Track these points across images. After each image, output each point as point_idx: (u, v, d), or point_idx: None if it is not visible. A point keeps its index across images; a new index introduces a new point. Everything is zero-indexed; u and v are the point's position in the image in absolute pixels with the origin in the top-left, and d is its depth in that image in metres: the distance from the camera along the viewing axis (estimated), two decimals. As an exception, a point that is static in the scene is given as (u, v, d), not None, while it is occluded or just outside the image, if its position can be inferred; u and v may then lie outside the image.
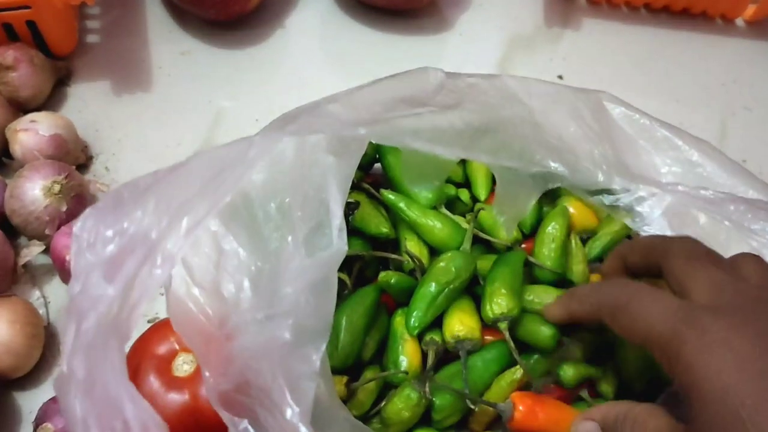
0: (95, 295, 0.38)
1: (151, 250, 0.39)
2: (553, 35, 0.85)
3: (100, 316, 0.37)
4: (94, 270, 0.39)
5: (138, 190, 0.42)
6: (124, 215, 0.40)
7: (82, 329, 0.37)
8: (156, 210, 0.40)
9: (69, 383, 0.37)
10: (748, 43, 0.87)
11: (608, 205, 0.58)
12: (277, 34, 0.83)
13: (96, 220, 0.40)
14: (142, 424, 0.36)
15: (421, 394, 0.50)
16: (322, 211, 0.44)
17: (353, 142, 0.47)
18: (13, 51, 0.69)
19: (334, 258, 0.43)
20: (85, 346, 0.37)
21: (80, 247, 0.40)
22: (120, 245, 0.39)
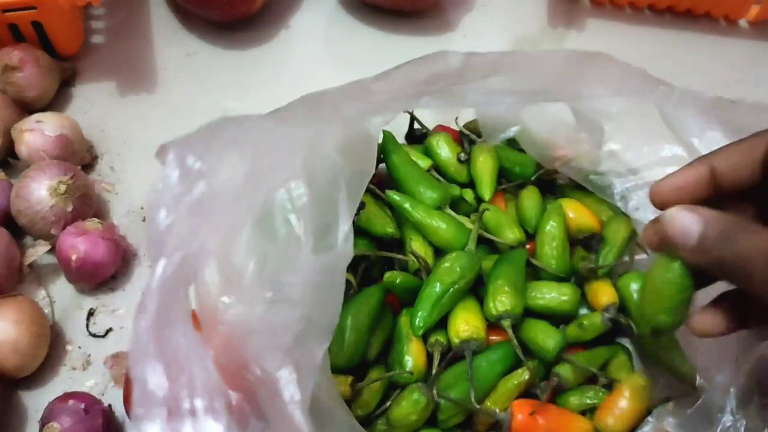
0: (183, 234, 0.37)
1: (232, 209, 0.39)
2: (557, 36, 0.85)
3: (182, 260, 0.37)
4: (183, 207, 0.38)
5: (229, 129, 0.41)
6: (220, 154, 0.39)
7: (162, 270, 0.36)
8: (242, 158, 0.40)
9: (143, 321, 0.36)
10: (751, 43, 0.86)
11: (603, 186, 0.58)
12: (282, 35, 0.83)
13: (191, 151, 0.39)
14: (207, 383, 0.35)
15: (428, 398, 0.50)
16: (331, 212, 0.44)
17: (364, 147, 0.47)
18: (19, 52, 0.69)
19: (340, 261, 0.43)
20: (165, 286, 0.36)
21: (171, 177, 0.38)
22: (212, 187, 0.38)
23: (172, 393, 0.34)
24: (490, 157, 0.62)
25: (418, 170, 0.60)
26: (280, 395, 0.39)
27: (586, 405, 0.54)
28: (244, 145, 0.41)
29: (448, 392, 0.52)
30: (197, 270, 0.38)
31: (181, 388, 0.35)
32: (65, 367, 0.60)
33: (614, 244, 0.59)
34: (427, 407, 0.50)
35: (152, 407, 0.34)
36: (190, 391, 0.35)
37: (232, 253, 0.42)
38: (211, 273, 0.41)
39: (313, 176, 0.44)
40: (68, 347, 0.61)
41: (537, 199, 0.61)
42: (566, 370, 0.54)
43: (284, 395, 0.39)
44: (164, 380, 0.34)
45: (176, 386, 0.35)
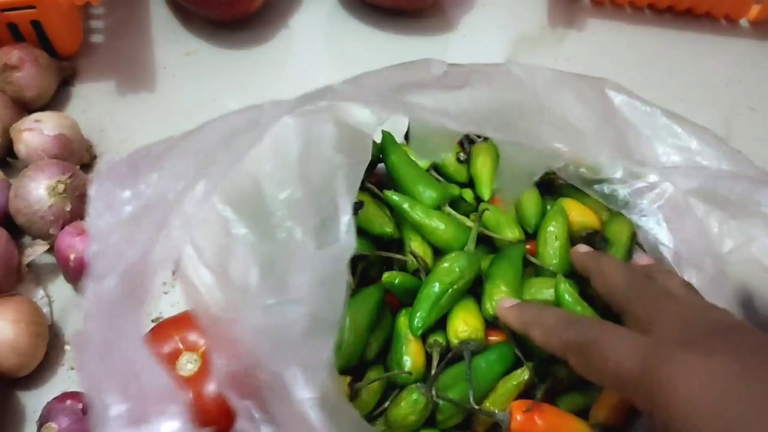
0: (114, 255, 0.38)
1: (168, 213, 0.39)
2: (557, 36, 0.85)
3: (119, 278, 0.37)
4: (112, 231, 0.39)
5: (151, 155, 0.42)
6: (141, 178, 0.40)
7: (101, 290, 0.37)
8: (172, 173, 0.40)
9: (86, 345, 0.36)
10: (752, 43, 0.86)
11: (607, 195, 0.58)
12: (282, 34, 0.83)
13: (112, 183, 0.40)
14: (159, 391, 0.35)
15: (427, 398, 0.50)
16: (329, 206, 0.44)
17: (359, 142, 0.47)
18: (18, 51, 0.69)
19: (344, 253, 0.43)
20: (103, 308, 0.37)
21: (97, 208, 0.39)
22: (137, 207, 0.39)
23: (126, 405, 0.35)
24: (490, 157, 0.62)
25: (417, 170, 0.60)
26: (290, 395, 0.39)
27: (583, 405, 0.54)
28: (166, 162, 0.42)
29: (447, 393, 0.52)
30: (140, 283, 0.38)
31: (135, 398, 0.35)
32: (63, 367, 0.60)
33: (621, 243, 0.59)
34: (426, 407, 0.50)
35: (107, 421, 0.35)
36: (143, 399, 0.35)
37: (229, 266, 0.42)
38: (212, 289, 0.41)
39: (310, 177, 0.44)
40: (66, 347, 0.61)
41: (537, 199, 0.61)
42: (562, 371, 0.54)
43: (295, 395, 0.39)
44: (120, 396, 0.35)
45: (130, 397, 0.35)
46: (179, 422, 0.35)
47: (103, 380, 0.35)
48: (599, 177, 0.58)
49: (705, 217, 0.53)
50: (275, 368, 0.39)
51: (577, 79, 0.54)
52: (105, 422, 0.34)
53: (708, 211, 0.53)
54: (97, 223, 0.39)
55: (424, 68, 0.50)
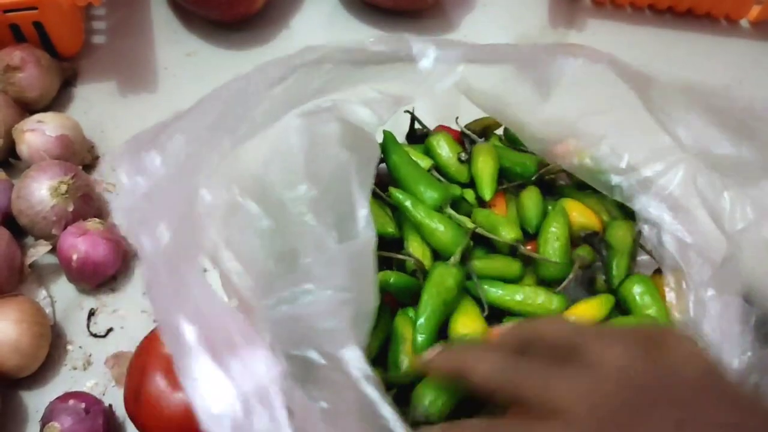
0: (160, 211, 0.38)
1: (200, 165, 0.40)
2: (558, 36, 0.85)
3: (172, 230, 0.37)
4: (151, 192, 0.39)
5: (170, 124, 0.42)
6: (166, 141, 0.41)
7: (158, 242, 0.37)
8: (196, 134, 0.41)
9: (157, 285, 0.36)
10: (752, 43, 0.87)
11: (612, 186, 0.58)
12: (283, 35, 0.83)
13: (139, 148, 0.41)
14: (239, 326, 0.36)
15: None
16: (346, 202, 0.45)
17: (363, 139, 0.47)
18: (20, 52, 0.69)
19: (368, 245, 0.43)
20: (163, 259, 0.37)
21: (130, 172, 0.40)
22: (169, 168, 0.40)
23: (210, 339, 0.35)
24: (491, 157, 0.62)
25: (418, 170, 0.60)
26: (349, 375, 0.39)
27: None
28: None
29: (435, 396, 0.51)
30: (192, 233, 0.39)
31: (217, 333, 0.35)
32: (66, 367, 0.60)
33: (623, 252, 0.59)
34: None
35: (195, 354, 0.34)
36: (227, 333, 0.35)
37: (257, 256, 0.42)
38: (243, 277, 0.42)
39: (319, 175, 0.44)
40: (69, 347, 0.61)
41: (538, 200, 0.61)
42: None
43: (354, 374, 0.39)
44: (197, 331, 0.35)
45: (211, 333, 0.35)
46: (266, 352, 0.35)
47: (182, 320, 0.35)
48: (603, 168, 0.58)
49: (716, 198, 0.53)
50: (330, 350, 0.39)
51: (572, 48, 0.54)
52: (191, 356, 0.34)
53: (718, 193, 0.53)
54: (132, 187, 0.39)
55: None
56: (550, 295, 0.56)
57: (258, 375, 0.34)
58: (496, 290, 0.56)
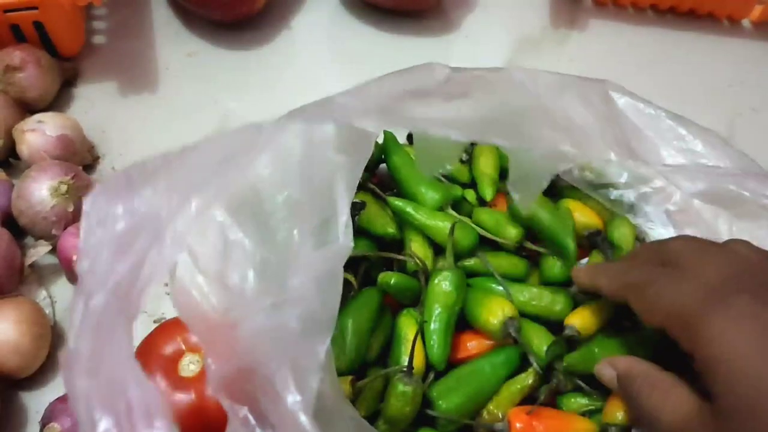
0: (104, 272, 0.38)
1: (160, 230, 0.39)
2: (560, 37, 0.85)
3: (109, 294, 0.37)
4: (103, 247, 0.39)
5: (147, 171, 0.42)
6: (134, 194, 0.40)
7: (90, 307, 0.37)
8: (166, 190, 0.40)
9: (74, 362, 0.36)
10: (754, 44, 0.86)
11: (612, 200, 0.58)
12: (284, 35, 0.83)
13: (106, 198, 0.40)
14: (146, 406, 0.35)
15: (414, 386, 0.50)
16: (329, 207, 0.44)
17: (360, 141, 0.47)
18: (21, 52, 0.69)
19: (341, 253, 0.43)
20: (92, 324, 0.37)
21: (90, 224, 0.39)
22: (130, 223, 0.39)
23: (112, 419, 0.35)
24: (492, 158, 0.62)
25: (419, 171, 0.60)
26: (281, 398, 0.39)
27: (585, 407, 0.54)
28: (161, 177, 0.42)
29: (449, 395, 0.52)
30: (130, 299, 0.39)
31: (121, 414, 0.35)
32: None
33: (627, 249, 0.59)
34: (416, 395, 0.50)
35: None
36: (129, 414, 0.35)
37: (225, 272, 0.42)
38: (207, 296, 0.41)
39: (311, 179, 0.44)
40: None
41: (540, 201, 0.61)
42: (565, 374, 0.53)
43: (286, 398, 0.39)
44: (105, 412, 0.35)
45: (116, 413, 0.35)
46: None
47: (91, 396, 0.35)
48: (604, 181, 0.58)
49: (713, 220, 0.53)
50: (267, 372, 0.39)
51: (579, 81, 0.54)
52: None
53: (716, 214, 0.53)
54: (89, 240, 0.39)
55: (426, 74, 0.50)
56: (555, 295, 0.56)
57: None
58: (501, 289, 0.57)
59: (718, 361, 0.37)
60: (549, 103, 0.53)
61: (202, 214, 0.41)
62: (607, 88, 0.54)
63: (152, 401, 0.36)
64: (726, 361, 0.37)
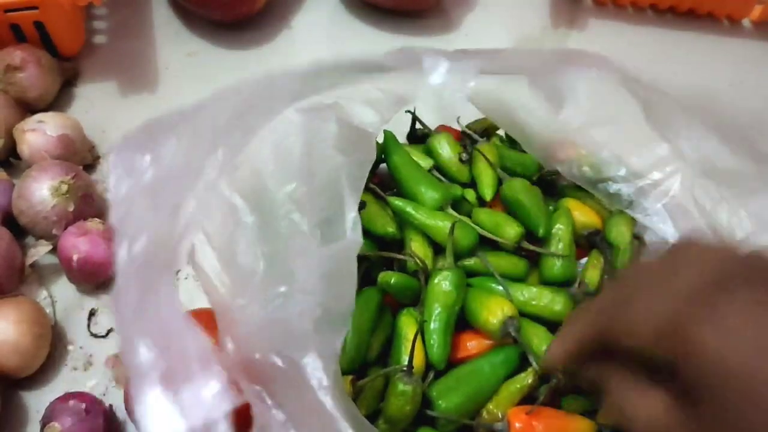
0: (141, 219, 0.37)
1: (190, 178, 0.39)
2: (560, 36, 0.85)
3: (148, 241, 0.37)
4: (135, 197, 0.38)
5: (166, 124, 0.41)
6: (159, 143, 0.40)
7: (134, 252, 0.36)
8: (192, 138, 0.40)
9: (124, 305, 0.36)
10: (754, 43, 0.86)
11: (611, 194, 0.58)
12: (284, 35, 0.83)
13: (131, 149, 0.40)
14: (201, 353, 0.35)
15: (414, 386, 0.50)
16: (335, 203, 0.44)
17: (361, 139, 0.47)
18: (21, 52, 0.69)
19: (352, 248, 0.43)
20: (135, 270, 0.36)
21: (119, 174, 0.39)
22: (159, 172, 0.39)
23: (166, 363, 0.34)
24: (492, 157, 0.62)
25: (419, 170, 0.60)
26: (307, 382, 0.39)
27: (589, 406, 0.54)
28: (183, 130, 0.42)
29: (449, 395, 0.52)
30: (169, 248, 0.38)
31: (175, 357, 0.35)
32: (66, 367, 0.60)
33: (625, 248, 0.59)
34: (416, 393, 0.50)
35: (148, 378, 0.34)
36: (184, 358, 0.35)
37: (237, 253, 0.42)
38: (220, 275, 0.41)
39: (312, 174, 0.44)
40: (69, 347, 0.61)
41: (540, 202, 0.61)
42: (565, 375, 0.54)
43: (312, 382, 0.39)
44: (156, 352, 0.34)
45: (169, 356, 0.35)
46: (220, 384, 0.34)
47: (141, 339, 0.35)
48: (602, 176, 0.58)
49: (714, 208, 0.53)
50: (291, 354, 0.39)
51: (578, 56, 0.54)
52: (147, 381, 0.34)
53: (716, 203, 0.53)
54: (119, 189, 0.39)
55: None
56: (555, 295, 0.56)
57: (208, 409, 0.34)
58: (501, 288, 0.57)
59: (709, 362, 0.37)
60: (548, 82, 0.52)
61: (229, 164, 0.40)
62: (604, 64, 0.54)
63: (206, 349, 0.35)
64: (718, 361, 0.36)
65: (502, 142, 0.67)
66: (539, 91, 0.52)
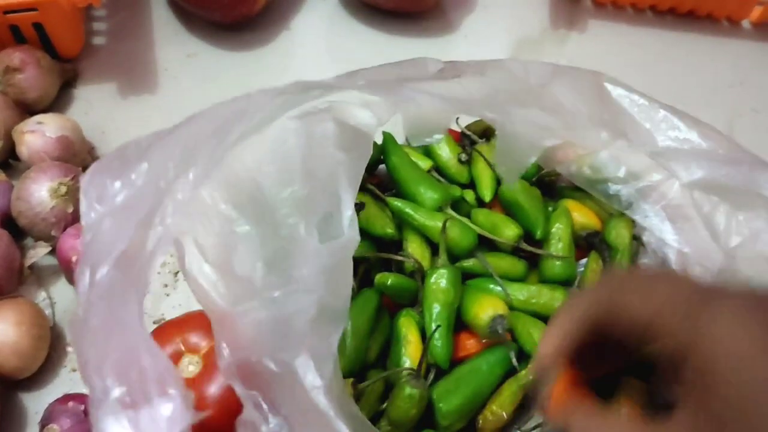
0: (108, 243, 0.38)
1: (159, 200, 0.39)
2: (559, 37, 0.85)
3: (114, 265, 0.37)
4: (104, 220, 0.39)
5: (141, 147, 0.42)
6: (130, 168, 0.40)
7: (97, 278, 0.37)
8: (162, 163, 0.41)
9: (84, 331, 0.36)
10: (754, 44, 0.86)
11: (611, 195, 0.58)
12: (283, 36, 0.83)
13: (102, 174, 0.40)
14: (159, 374, 0.35)
15: (421, 390, 0.50)
16: (332, 201, 0.45)
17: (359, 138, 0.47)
18: (20, 53, 0.69)
19: (348, 246, 0.43)
20: (101, 294, 0.37)
21: (89, 199, 0.40)
22: (129, 196, 0.40)
23: (125, 387, 0.35)
24: (491, 158, 0.62)
25: (418, 171, 0.60)
26: (300, 383, 0.39)
27: None
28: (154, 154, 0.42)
29: (449, 397, 0.52)
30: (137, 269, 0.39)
31: (134, 380, 0.35)
32: (65, 369, 0.60)
33: (624, 250, 0.59)
34: (422, 398, 0.50)
35: (107, 404, 0.35)
36: (142, 382, 0.35)
37: (233, 263, 0.42)
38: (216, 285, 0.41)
39: (313, 174, 0.44)
40: (68, 349, 0.61)
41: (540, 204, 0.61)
42: None
43: (305, 383, 0.39)
44: (114, 376, 0.35)
45: (129, 379, 0.35)
46: (178, 404, 0.35)
47: (102, 364, 0.35)
48: (602, 177, 0.58)
49: (711, 212, 0.53)
50: (284, 357, 0.39)
51: (572, 71, 0.54)
52: (105, 405, 0.34)
53: (714, 206, 0.53)
54: (89, 215, 0.39)
55: (420, 66, 0.51)
56: (554, 292, 0.56)
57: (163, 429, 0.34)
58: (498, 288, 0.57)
59: (718, 356, 0.35)
60: (540, 90, 0.52)
61: (200, 182, 0.41)
62: (601, 79, 0.54)
63: (165, 369, 0.35)
64: (728, 356, 0.35)
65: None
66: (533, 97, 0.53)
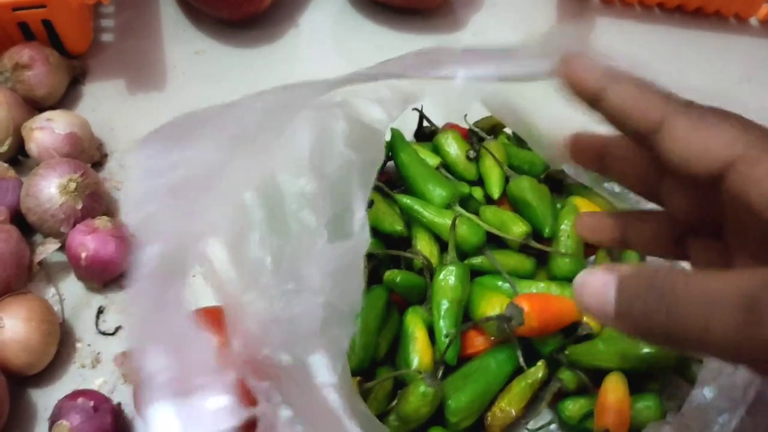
0: (159, 222, 0.37)
1: (206, 184, 0.39)
2: (566, 35, 0.85)
3: (165, 245, 0.37)
4: (155, 198, 0.38)
5: (196, 120, 0.41)
6: (185, 144, 0.40)
7: (148, 257, 0.36)
8: (216, 142, 0.40)
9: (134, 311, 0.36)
10: (761, 42, 0.86)
11: (617, 194, 0.58)
12: (291, 33, 0.83)
13: (152, 151, 0.40)
14: (205, 362, 0.35)
15: (435, 389, 0.50)
16: (342, 201, 0.45)
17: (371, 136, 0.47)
18: (29, 50, 0.69)
19: (359, 247, 0.43)
20: (148, 276, 0.36)
21: (137, 176, 0.39)
22: (176, 176, 0.39)
23: (176, 374, 0.35)
24: (500, 155, 0.62)
25: (426, 168, 0.60)
26: (312, 380, 0.39)
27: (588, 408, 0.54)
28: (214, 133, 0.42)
29: (457, 394, 0.52)
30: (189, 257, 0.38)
31: (185, 369, 0.35)
32: (75, 365, 0.60)
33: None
34: (435, 397, 0.50)
35: (159, 390, 0.34)
36: (194, 370, 0.35)
37: (245, 250, 0.42)
38: (228, 269, 0.41)
39: (323, 171, 0.44)
40: (78, 345, 0.61)
41: (549, 201, 0.61)
42: (567, 375, 0.54)
43: (318, 380, 0.39)
44: (166, 363, 0.35)
45: (180, 367, 0.35)
46: (227, 397, 0.34)
47: (150, 348, 0.35)
48: None
49: None
50: (297, 353, 0.39)
51: None
52: (151, 390, 0.34)
53: None
54: (137, 190, 0.39)
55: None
56: (563, 289, 0.56)
57: (214, 423, 0.34)
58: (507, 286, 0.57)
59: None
60: None
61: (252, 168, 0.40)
62: None
63: (212, 360, 0.35)
64: None
65: (509, 140, 0.67)
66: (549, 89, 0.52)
